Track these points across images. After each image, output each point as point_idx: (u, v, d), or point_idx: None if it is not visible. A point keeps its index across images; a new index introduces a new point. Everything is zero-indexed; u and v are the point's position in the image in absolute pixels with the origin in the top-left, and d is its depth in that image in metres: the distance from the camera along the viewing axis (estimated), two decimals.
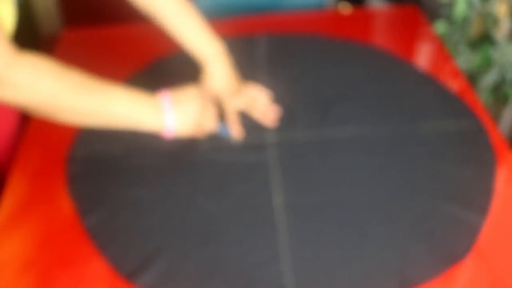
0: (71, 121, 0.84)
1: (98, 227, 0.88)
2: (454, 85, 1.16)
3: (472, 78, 1.51)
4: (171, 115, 0.89)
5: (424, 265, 0.82)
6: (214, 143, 1.00)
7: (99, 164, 0.98)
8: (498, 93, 1.46)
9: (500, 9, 1.43)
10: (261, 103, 1.07)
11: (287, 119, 1.06)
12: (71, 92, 0.80)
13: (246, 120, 1.05)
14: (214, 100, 1.05)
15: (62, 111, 0.81)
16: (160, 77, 1.17)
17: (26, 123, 1.06)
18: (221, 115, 1.04)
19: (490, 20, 1.41)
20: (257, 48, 1.26)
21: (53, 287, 0.81)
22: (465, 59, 1.49)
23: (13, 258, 0.84)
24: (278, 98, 1.09)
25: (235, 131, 1.02)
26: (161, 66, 1.20)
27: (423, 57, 1.25)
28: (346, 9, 1.67)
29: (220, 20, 1.28)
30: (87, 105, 0.82)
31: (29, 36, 2.30)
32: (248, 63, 1.18)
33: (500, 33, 1.47)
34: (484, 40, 1.46)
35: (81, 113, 0.83)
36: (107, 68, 1.20)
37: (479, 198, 0.91)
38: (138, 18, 1.12)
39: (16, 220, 0.90)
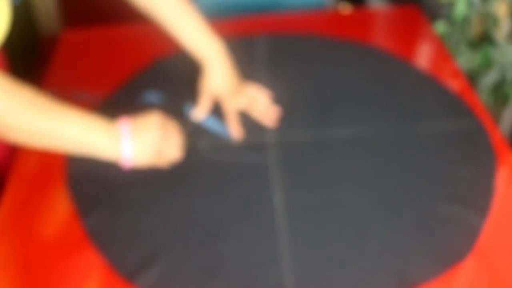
0: (22, 141, 0.80)
1: (98, 228, 0.87)
2: (454, 85, 1.16)
3: (472, 78, 1.51)
4: (128, 144, 0.85)
5: (424, 265, 0.82)
6: (214, 143, 1.00)
7: (99, 164, 0.98)
8: (498, 93, 1.46)
9: (500, 9, 1.43)
10: (261, 103, 1.07)
11: (287, 119, 1.06)
12: (21, 110, 0.77)
13: (246, 120, 1.05)
14: (215, 99, 1.05)
15: (11, 130, 0.78)
16: (160, 77, 1.17)
17: None
18: (221, 115, 1.04)
19: (490, 20, 1.41)
20: (257, 48, 1.26)
21: None
22: (465, 59, 1.49)
23: (13, 258, 0.84)
24: (278, 98, 1.09)
25: (235, 131, 1.02)
26: (161, 66, 1.20)
27: (423, 57, 1.25)
28: (346, 9, 1.66)
29: (220, 20, 1.28)
30: (37, 124, 0.78)
31: (29, 36, 2.30)
32: (248, 63, 1.18)
33: (500, 33, 1.47)
34: (484, 40, 1.46)
35: (31, 133, 0.79)
36: (107, 68, 1.20)
37: (479, 198, 0.91)
38: (138, 18, 1.11)
39: (15, 221, 0.90)
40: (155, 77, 1.16)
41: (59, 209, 0.92)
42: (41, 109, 0.78)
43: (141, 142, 0.86)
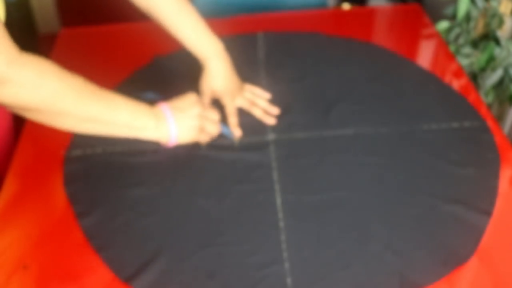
0: (70, 126, 0.84)
1: (95, 229, 0.86)
2: (457, 84, 1.15)
3: (474, 78, 1.50)
4: (173, 124, 0.90)
5: (426, 267, 0.81)
6: (214, 142, 0.99)
7: (96, 163, 0.97)
8: (502, 92, 1.45)
9: (505, 8, 1.42)
10: (261, 102, 1.06)
11: (288, 118, 1.05)
12: (74, 95, 0.80)
13: (247, 119, 1.04)
14: (213, 100, 1.04)
15: (62, 114, 0.81)
16: (159, 74, 1.16)
17: (22, 121, 1.05)
18: (222, 114, 1.03)
19: (495, 19, 1.39)
20: (257, 46, 1.25)
21: None
22: (468, 58, 1.48)
23: (8, 259, 0.83)
24: (279, 97, 1.08)
25: (235, 131, 1.01)
26: (160, 63, 1.19)
27: (425, 56, 1.24)
28: (347, 9, 1.65)
29: (220, 18, 1.27)
30: (88, 110, 0.82)
31: (27, 34, 2.30)
32: (248, 61, 1.18)
33: (503, 32, 1.46)
34: (488, 38, 1.45)
35: (81, 118, 0.82)
36: (105, 65, 1.19)
37: (482, 199, 0.90)
38: (137, 16, 1.11)
39: (11, 221, 0.89)
40: (155, 75, 1.16)
41: (56, 210, 0.91)
42: (91, 96, 0.82)
43: (184, 120, 0.92)
